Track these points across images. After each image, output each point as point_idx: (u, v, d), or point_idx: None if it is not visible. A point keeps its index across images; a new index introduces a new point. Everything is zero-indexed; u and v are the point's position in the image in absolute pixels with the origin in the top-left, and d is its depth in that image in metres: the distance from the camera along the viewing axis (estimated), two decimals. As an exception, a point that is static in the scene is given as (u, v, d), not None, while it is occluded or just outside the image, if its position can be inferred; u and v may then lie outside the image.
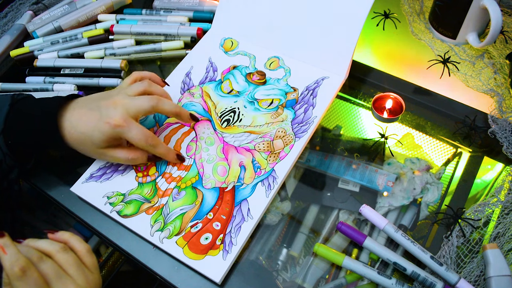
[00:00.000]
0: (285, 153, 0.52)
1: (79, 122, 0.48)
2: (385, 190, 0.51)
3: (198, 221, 0.48)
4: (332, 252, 0.46)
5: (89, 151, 0.49)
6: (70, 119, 0.48)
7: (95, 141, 0.47)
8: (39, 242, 0.39)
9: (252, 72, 0.60)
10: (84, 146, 0.49)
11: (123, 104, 0.48)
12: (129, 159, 0.49)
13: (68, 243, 0.41)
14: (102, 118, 0.47)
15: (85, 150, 0.49)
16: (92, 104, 0.49)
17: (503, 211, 0.47)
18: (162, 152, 0.50)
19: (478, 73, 0.58)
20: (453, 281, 0.42)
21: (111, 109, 0.47)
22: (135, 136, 0.47)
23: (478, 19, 0.57)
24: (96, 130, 0.47)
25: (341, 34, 0.57)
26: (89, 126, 0.47)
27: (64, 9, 0.71)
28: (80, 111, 0.48)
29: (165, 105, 0.50)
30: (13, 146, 0.48)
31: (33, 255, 0.37)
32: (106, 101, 0.48)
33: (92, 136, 0.47)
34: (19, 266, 0.35)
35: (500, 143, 0.52)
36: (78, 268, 0.39)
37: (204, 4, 0.69)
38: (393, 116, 0.56)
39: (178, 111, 0.51)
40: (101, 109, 0.48)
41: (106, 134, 0.47)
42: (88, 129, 0.47)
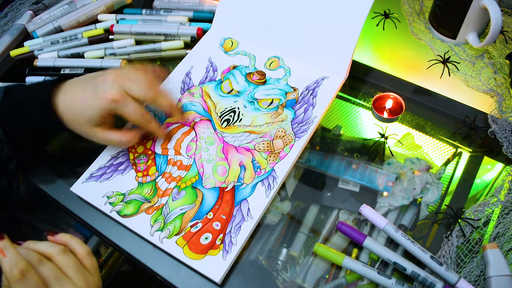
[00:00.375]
0: (285, 153, 0.52)
1: (74, 100, 0.47)
2: (385, 190, 0.51)
3: (198, 221, 0.48)
4: (332, 252, 0.46)
5: (84, 130, 0.49)
6: (64, 99, 0.48)
7: (89, 117, 0.47)
8: (38, 245, 0.39)
9: (252, 72, 0.60)
10: (79, 125, 0.48)
11: (120, 81, 0.47)
12: (123, 141, 0.50)
13: (68, 245, 0.41)
14: (97, 94, 0.47)
15: (80, 130, 0.49)
16: (87, 82, 0.48)
17: (503, 211, 0.47)
18: (154, 128, 0.51)
19: (478, 73, 0.58)
20: (453, 281, 0.42)
21: (108, 84, 0.47)
22: (132, 111, 0.47)
23: (478, 19, 0.57)
24: (91, 105, 0.47)
25: (341, 34, 0.57)
26: (83, 103, 0.47)
27: (64, 9, 0.71)
28: (74, 89, 0.48)
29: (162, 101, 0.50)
30: (10, 133, 0.48)
31: (32, 257, 0.37)
32: (102, 77, 0.48)
33: (86, 112, 0.47)
34: (19, 269, 0.35)
35: (500, 143, 0.52)
36: (78, 271, 0.39)
37: (204, 4, 0.69)
38: (393, 116, 0.56)
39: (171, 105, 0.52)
40: (97, 85, 0.47)
41: (101, 109, 0.46)
42: (83, 106, 0.47)
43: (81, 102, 0.47)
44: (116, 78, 0.48)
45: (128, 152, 0.54)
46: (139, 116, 0.48)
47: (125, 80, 0.48)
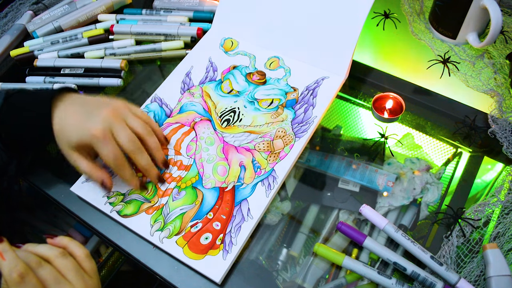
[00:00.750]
0: (285, 153, 0.52)
1: (66, 119, 0.48)
2: (385, 190, 0.51)
3: (198, 221, 0.48)
4: (332, 252, 0.46)
5: (61, 148, 0.49)
6: (59, 114, 0.48)
7: (70, 139, 0.47)
8: (38, 247, 0.39)
9: (252, 72, 0.60)
10: (59, 141, 0.48)
11: (112, 120, 0.47)
12: (86, 171, 0.48)
13: (67, 248, 0.41)
14: (85, 123, 0.47)
15: (59, 144, 0.49)
16: (85, 107, 0.48)
17: (503, 211, 0.47)
18: (127, 176, 0.49)
19: (478, 73, 0.58)
20: (453, 281, 0.42)
21: (98, 118, 0.47)
22: (107, 153, 0.46)
23: (478, 19, 0.57)
24: (76, 130, 0.47)
25: (341, 34, 0.57)
26: (71, 125, 0.47)
27: (64, 9, 0.71)
28: (72, 108, 0.48)
29: (139, 159, 0.49)
30: (7, 140, 0.48)
31: (31, 260, 0.37)
32: (98, 109, 0.48)
33: (69, 134, 0.47)
34: (18, 272, 0.35)
35: (500, 143, 0.52)
36: (77, 273, 0.39)
37: (204, 4, 0.69)
38: (393, 116, 0.56)
39: (147, 168, 0.50)
40: (90, 114, 0.47)
41: (81, 138, 0.47)
42: (69, 127, 0.47)
43: (70, 123, 0.47)
44: (109, 116, 0.47)
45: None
46: (112, 160, 0.47)
47: (117, 122, 0.47)
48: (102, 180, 0.49)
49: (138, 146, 0.48)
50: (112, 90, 0.63)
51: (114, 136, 0.47)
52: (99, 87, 0.63)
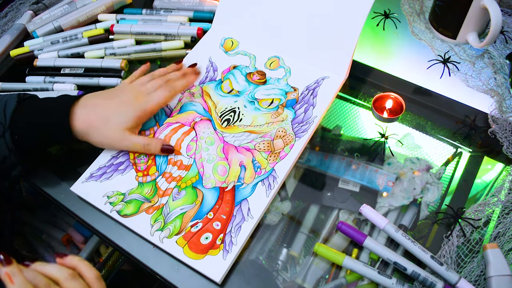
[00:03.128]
0: (285, 152, 0.52)
1: (103, 108, 0.50)
2: (385, 190, 0.51)
3: (198, 220, 0.48)
4: (332, 252, 0.46)
5: (109, 135, 0.51)
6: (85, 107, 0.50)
7: (121, 120, 0.50)
8: (47, 267, 0.38)
9: (252, 72, 0.60)
10: (107, 130, 0.50)
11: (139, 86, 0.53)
12: (146, 142, 0.52)
13: (77, 268, 0.39)
14: (128, 100, 0.51)
15: (104, 135, 0.51)
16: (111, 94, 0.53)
17: (503, 211, 0.47)
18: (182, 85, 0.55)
19: (478, 73, 0.58)
20: (454, 281, 0.42)
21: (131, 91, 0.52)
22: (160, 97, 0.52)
23: (478, 19, 0.57)
24: (124, 110, 0.51)
25: (341, 34, 0.57)
26: (116, 109, 0.50)
27: (64, 9, 0.71)
28: (99, 100, 0.51)
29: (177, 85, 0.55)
30: (19, 142, 0.48)
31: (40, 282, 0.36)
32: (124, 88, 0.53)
33: (120, 116, 0.50)
34: None
35: (500, 143, 0.52)
36: None
37: (204, 4, 0.69)
38: (393, 116, 0.56)
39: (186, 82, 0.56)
40: (123, 94, 0.52)
41: (136, 109, 0.51)
42: (115, 112, 0.50)
43: (112, 108, 0.51)
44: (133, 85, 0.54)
45: (128, 152, 0.54)
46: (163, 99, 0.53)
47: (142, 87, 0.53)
48: (162, 145, 0.52)
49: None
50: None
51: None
52: (99, 87, 0.63)
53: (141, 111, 0.51)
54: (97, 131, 0.50)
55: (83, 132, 0.50)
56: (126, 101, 0.51)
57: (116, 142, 0.51)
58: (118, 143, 0.51)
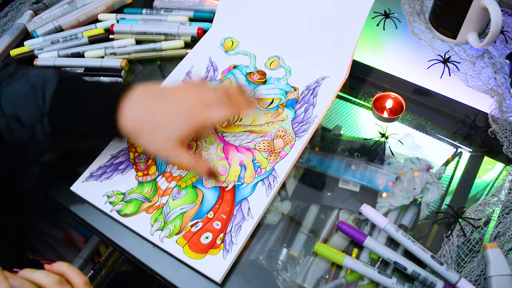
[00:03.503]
0: (285, 152, 0.52)
1: (155, 112, 0.46)
2: (385, 190, 0.51)
3: (198, 220, 0.48)
4: (333, 251, 0.46)
5: (160, 142, 0.47)
6: (139, 105, 0.46)
7: (174, 131, 0.46)
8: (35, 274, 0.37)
9: (252, 72, 0.60)
10: (157, 137, 0.46)
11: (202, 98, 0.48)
12: (192, 162, 0.47)
13: (65, 275, 0.39)
14: (183, 109, 0.47)
15: (155, 141, 0.47)
16: (166, 95, 0.48)
17: (503, 211, 0.47)
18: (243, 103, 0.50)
19: (478, 73, 0.58)
20: (454, 281, 0.42)
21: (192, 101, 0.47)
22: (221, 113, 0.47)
23: (478, 19, 0.57)
24: (177, 119, 0.46)
25: (341, 34, 0.57)
26: (169, 118, 0.46)
27: (64, 9, 0.71)
28: (153, 100, 0.47)
29: None
30: (57, 129, 0.45)
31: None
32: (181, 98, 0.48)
33: (172, 127, 0.46)
34: None
35: (500, 143, 0.52)
36: None
37: (204, 3, 0.69)
38: (394, 116, 0.56)
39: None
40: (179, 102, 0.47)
41: (190, 122, 0.46)
42: (168, 120, 0.46)
43: (166, 115, 0.46)
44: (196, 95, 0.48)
45: (128, 152, 0.54)
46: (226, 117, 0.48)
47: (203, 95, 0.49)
48: (209, 169, 0.48)
49: None
50: (112, 90, 0.63)
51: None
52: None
53: (198, 126, 0.47)
54: (146, 136, 0.47)
55: (131, 131, 0.47)
56: (185, 112, 0.47)
57: (163, 151, 0.47)
58: (165, 152, 0.48)
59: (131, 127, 0.46)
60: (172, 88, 0.50)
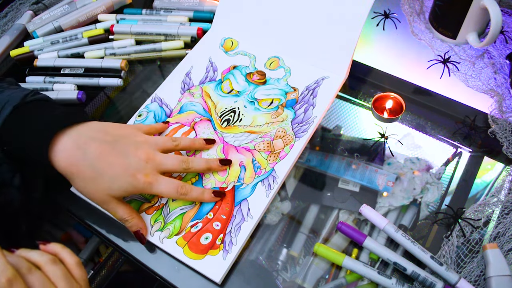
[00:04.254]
0: (285, 153, 0.52)
1: (101, 162, 0.45)
2: (385, 190, 0.51)
3: (198, 221, 0.48)
4: (332, 252, 0.46)
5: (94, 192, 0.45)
6: (86, 151, 0.45)
7: (113, 187, 0.45)
8: (30, 253, 0.39)
9: (252, 72, 0.60)
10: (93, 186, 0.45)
11: (155, 161, 0.46)
12: (125, 218, 0.46)
13: (59, 255, 0.40)
14: (130, 169, 0.45)
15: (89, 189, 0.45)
16: (116, 145, 0.46)
17: (503, 211, 0.47)
18: (196, 197, 0.48)
19: (478, 73, 0.58)
20: (453, 281, 0.42)
21: (142, 163, 0.45)
22: (165, 189, 0.46)
23: (478, 19, 0.57)
24: (120, 178, 0.45)
25: (341, 34, 0.57)
26: (112, 171, 0.44)
27: (64, 9, 0.71)
28: (101, 146, 0.45)
29: (196, 166, 0.48)
30: (9, 153, 0.46)
31: (22, 266, 0.37)
32: (134, 149, 0.46)
33: (112, 182, 0.45)
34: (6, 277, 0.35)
35: (500, 143, 0.52)
36: (66, 281, 0.39)
37: (204, 4, 0.69)
38: (393, 116, 0.56)
39: (208, 166, 0.49)
40: (130, 157, 0.45)
41: (133, 186, 0.45)
42: (110, 174, 0.44)
43: (112, 169, 0.45)
44: (148, 156, 0.46)
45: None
46: (175, 192, 0.46)
47: (156, 157, 0.47)
48: (139, 229, 0.47)
49: (186, 160, 0.48)
50: (112, 90, 0.63)
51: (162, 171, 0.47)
52: (99, 87, 0.63)
53: (139, 190, 0.45)
54: (82, 181, 0.45)
55: (67, 174, 0.46)
56: (130, 170, 0.45)
57: (97, 202, 0.46)
58: (98, 203, 0.46)
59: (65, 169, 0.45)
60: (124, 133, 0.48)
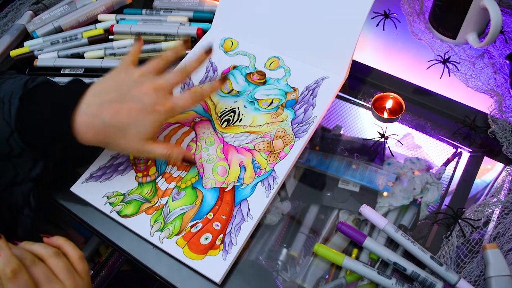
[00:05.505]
0: (285, 153, 0.52)
1: (119, 118, 0.45)
2: (385, 190, 0.51)
3: (198, 221, 0.48)
4: (332, 252, 0.46)
5: (129, 144, 0.46)
6: (102, 117, 0.45)
7: (141, 131, 0.45)
8: (34, 246, 0.40)
9: (252, 72, 0.60)
10: (124, 139, 0.46)
11: (160, 87, 0.47)
12: (166, 153, 0.47)
13: (62, 248, 0.42)
14: (146, 107, 0.45)
15: (122, 144, 0.46)
16: (121, 96, 0.46)
17: (503, 211, 0.47)
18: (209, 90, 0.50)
19: (478, 73, 0.58)
20: (453, 281, 0.42)
21: (152, 96, 0.46)
22: (184, 103, 0.47)
23: (478, 19, 0.57)
24: (144, 120, 0.45)
25: (341, 34, 0.57)
26: (133, 119, 0.45)
27: (64, 9, 0.71)
28: (111, 106, 0.45)
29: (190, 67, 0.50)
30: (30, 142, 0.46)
31: (26, 258, 0.38)
32: (138, 89, 0.46)
33: (139, 128, 0.45)
34: (11, 268, 0.36)
35: (500, 143, 0.52)
36: (68, 273, 0.40)
37: (204, 4, 0.69)
38: (393, 116, 0.56)
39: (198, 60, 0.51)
40: (139, 98, 0.45)
41: (158, 120, 0.46)
42: (133, 122, 0.45)
43: (129, 117, 0.45)
44: (153, 87, 0.46)
45: (128, 152, 0.54)
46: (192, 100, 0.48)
47: (159, 82, 0.47)
48: (184, 155, 0.48)
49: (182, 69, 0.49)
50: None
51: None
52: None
53: (165, 120, 0.47)
54: (113, 142, 0.46)
55: (98, 143, 0.46)
56: (147, 108, 0.45)
57: (135, 151, 0.47)
58: (137, 152, 0.48)
59: (94, 140, 0.46)
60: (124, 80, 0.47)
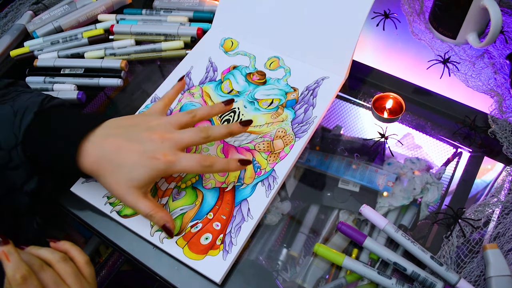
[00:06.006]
0: (285, 153, 0.52)
1: (117, 154, 0.43)
2: (385, 190, 0.51)
3: (198, 221, 0.48)
4: (332, 252, 0.46)
5: (115, 184, 0.43)
6: (103, 148, 0.44)
7: (133, 176, 0.43)
8: (41, 250, 0.41)
9: (252, 72, 0.60)
10: (114, 180, 0.43)
11: (171, 139, 0.44)
12: (149, 212, 0.43)
13: (69, 253, 0.42)
14: (147, 153, 0.43)
15: (107, 181, 0.44)
16: (129, 134, 0.44)
17: (503, 211, 0.47)
18: (222, 167, 0.45)
19: (478, 73, 0.58)
20: (453, 281, 0.42)
21: (158, 144, 0.43)
22: (188, 164, 0.43)
23: (478, 19, 0.57)
24: (139, 165, 0.43)
25: (341, 34, 0.57)
26: (130, 160, 0.43)
27: (64, 9, 0.71)
28: (115, 140, 0.44)
29: (216, 133, 0.46)
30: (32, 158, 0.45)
31: (34, 263, 0.39)
32: (148, 134, 0.44)
33: (132, 171, 0.43)
34: (21, 274, 0.37)
35: (500, 143, 0.52)
36: (76, 278, 0.40)
37: (204, 4, 0.69)
38: (393, 116, 0.56)
39: (229, 130, 0.47)
40: (145, 142, 0.44)
41: (154, 170, 0.43)
42: (128, 163, 0.43)
43: (128, 158, 0.43)
44: (163, 136, 0.44)
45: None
46: (199, 166, 0.43)
47: (172, 134, 0.45)
48: (165, 223, 0.44)
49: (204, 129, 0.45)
50: (112, 90, 0.64)
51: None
52: (99, 87, 0.63)
53: (161, 172, 0.43)
54: (103, 176, 0.44)
55: (91, 173, 0.45)
56: (147, 153, 0.43)
57: (119, 196, 0.44)
58: (120, 198, 0.44)
59: (90, 170, 0.44)
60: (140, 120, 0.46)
